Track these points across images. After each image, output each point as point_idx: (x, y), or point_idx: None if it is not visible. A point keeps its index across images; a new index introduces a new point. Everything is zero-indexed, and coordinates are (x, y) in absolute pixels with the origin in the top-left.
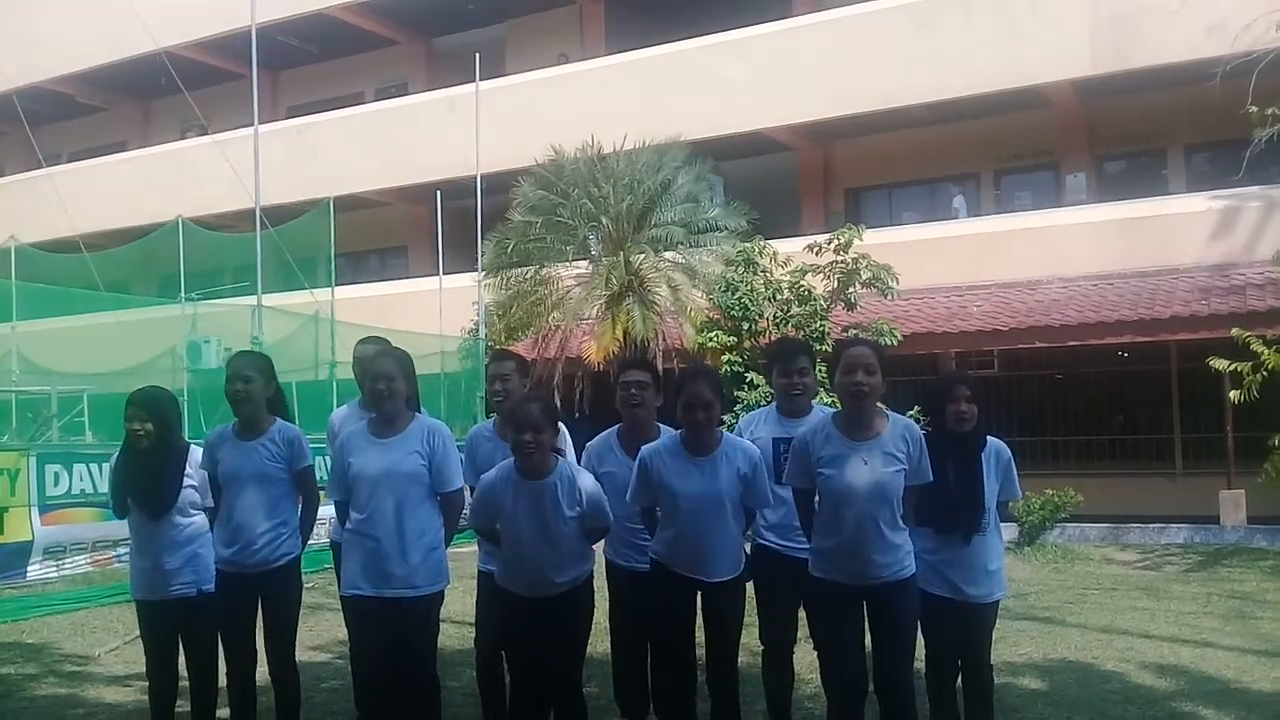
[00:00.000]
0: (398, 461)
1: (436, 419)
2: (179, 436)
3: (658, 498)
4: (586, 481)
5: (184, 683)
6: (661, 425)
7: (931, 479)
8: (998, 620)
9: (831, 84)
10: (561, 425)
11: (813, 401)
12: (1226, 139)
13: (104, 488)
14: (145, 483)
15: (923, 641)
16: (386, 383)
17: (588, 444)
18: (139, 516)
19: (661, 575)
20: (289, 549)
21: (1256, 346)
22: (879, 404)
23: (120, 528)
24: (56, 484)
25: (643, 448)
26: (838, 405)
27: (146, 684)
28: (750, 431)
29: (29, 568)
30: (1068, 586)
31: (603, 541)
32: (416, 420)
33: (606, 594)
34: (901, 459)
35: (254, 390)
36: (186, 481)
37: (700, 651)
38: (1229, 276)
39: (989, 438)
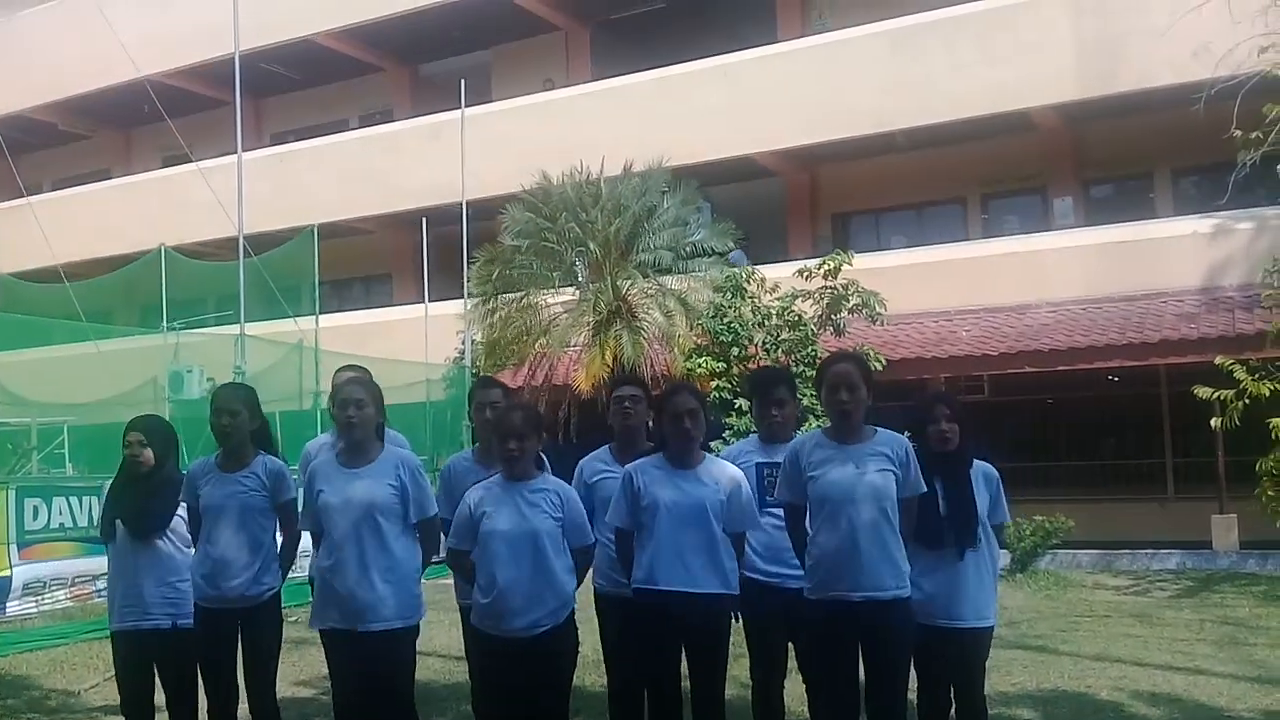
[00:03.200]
0: (369, 492)
1: (405, 449)
2: (175, 466)
3: (640, 514)
4: (568, 493)
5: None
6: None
7: (925, 489)
8: (990, 650)
9: (817, 109)
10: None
11: (796, 430)
12: (1213, 163)
13: (84, 521)
14: (138, 505)
15: (915, 673)
16: (356, 409)
17: (580, 461)
18: (125, 541)
19: (644, 603)
20: (270, 583)
21: (1239, 374)
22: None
23: (101, 563)
24: (36, 518)
25: (627, 466)
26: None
27: None
28: (735, 459)
29: (8, 604)
30: (1060, 614)
31: (590, 571)
32: (387, 450)
33: (594, 624)
34: (894, 464)
35: (239, 424)
36: (179, 511)
37: (686, 684)
38: (1217, 299)
39: (976, 460)
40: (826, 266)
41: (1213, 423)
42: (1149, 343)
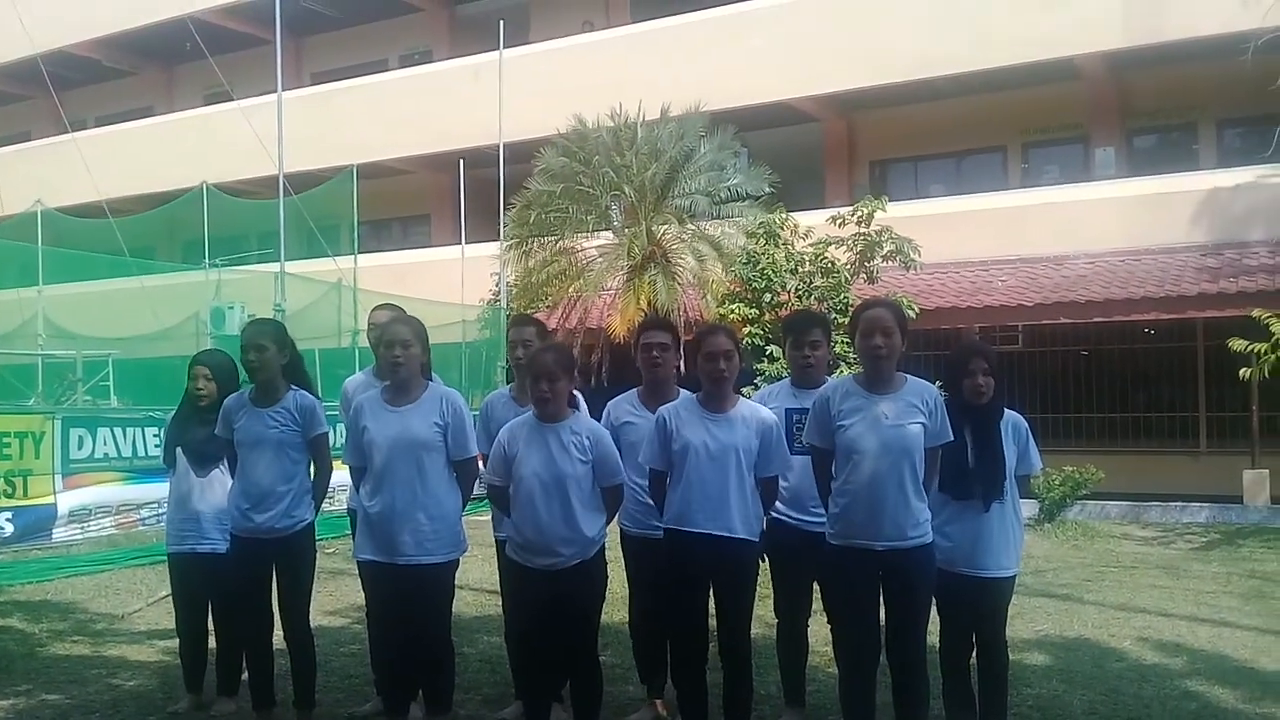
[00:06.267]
0: (413, 429)
1: (450, 388)
2: None
3: (671, 455)
4: (600, 433)
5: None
6: (681, 389)
7: (951, 438)
8: (1014, 596)
9: (858, 54)
10: (579, 394)
11: (828, 376)
12: (1259, 115)
13: (128, 451)
14: (199, 436)
15: (937, 618)
16: (402, 349)
17: (608, 402)
18: (185, 469)
19: (674, 543)
20: (302, 516)
21: (1276, 327)
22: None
23: (144, 492)
24: (80, 448)
25: (660, 408)
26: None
27: (167, 643)
28: (765, 403)
29: (54, 530)
30: (1086, 564)
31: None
32: (430, 388)
33: (622, 563)
34: (922, 414)
35: (268, 359)
36: None
37: (712, 622)
38: (1259, 255)
39: (1006, 410)
40: (860, 212)
41: (1241, 373)
42: (1186, 296)
